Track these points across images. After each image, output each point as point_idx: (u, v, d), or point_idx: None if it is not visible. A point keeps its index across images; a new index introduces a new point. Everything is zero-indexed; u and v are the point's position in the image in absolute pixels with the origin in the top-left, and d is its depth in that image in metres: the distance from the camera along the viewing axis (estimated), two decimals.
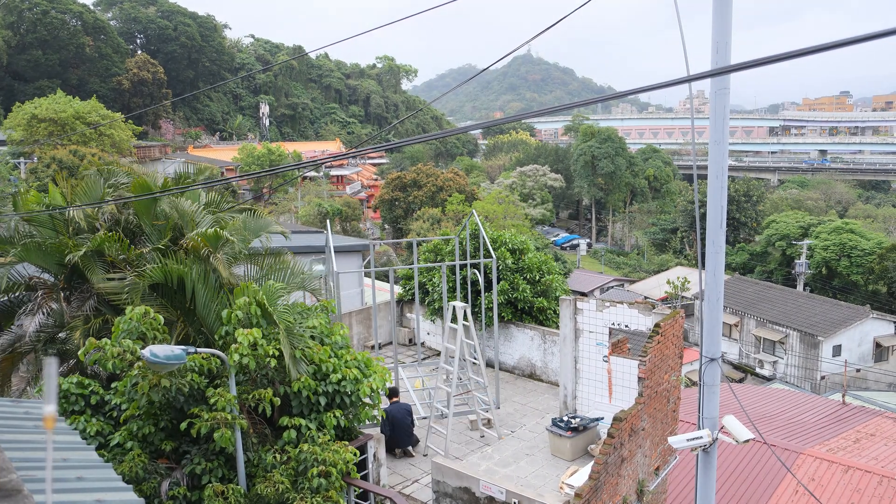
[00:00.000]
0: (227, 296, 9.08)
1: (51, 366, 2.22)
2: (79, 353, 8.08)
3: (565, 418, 11.73)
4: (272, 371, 8.30)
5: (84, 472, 5.08)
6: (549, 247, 59.34)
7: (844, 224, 50.17)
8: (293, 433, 8.27)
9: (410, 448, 12.36)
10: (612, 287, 50.77)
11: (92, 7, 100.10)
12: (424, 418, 13.17)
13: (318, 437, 8.25)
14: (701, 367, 6.76)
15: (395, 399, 12.22)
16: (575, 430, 11.38)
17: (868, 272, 45.74)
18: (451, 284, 15.94)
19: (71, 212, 10.05)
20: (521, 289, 15.71)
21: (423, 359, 16.38)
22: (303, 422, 8.39)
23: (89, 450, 6.13)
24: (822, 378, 33.75)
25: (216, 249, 9.55)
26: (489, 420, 13.08)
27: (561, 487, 9.97)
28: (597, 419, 11.75)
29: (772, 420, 18.05)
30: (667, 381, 10.51)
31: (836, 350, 34.03)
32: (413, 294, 17.01)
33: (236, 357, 7.78)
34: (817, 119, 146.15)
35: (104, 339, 7.93)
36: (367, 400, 9.20)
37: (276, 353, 8.16)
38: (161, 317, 8.38)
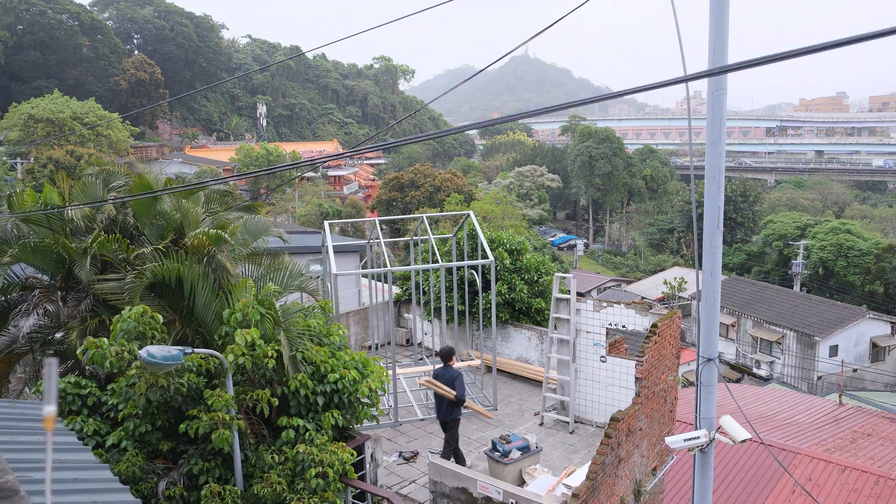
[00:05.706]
0: (226, 296, 9.06)
1: (51, 367, 2.21)
2: (77, 352, 8.06)
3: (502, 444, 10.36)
4: (270, 371, 8.29)
5: (81, 472, 5.08)
6: (546, 247, 59.43)
7: (841, 224, 50.28)
8: (291, 433, 8.26)
9: None
10: (610, 287, 50.77)
11: (89, 7, 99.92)
12: (422, 420, 13.17)
13: (317, 437, 8.23)
14: (698, 368, 6.78)
15: None
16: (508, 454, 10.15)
17: (865, 272, 45.87)
18: (448, 285, 15.94)
19: (69, 212, 10.02)
20: (518, 289, 15.72)
21: (420, 359, 16.38)
22: (301, 422, 8.38)
23: (86, 450, 6.13)
24: (819, 378, 33.83)
25: (220, 248, 9.55)
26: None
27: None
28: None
29: (769, 420, 18.10)
30: (664, 381, 10.53)
31: (833, 350, 34.11)
32: (410, 294, 16.99)
33: (231, 357, 7.78)
34: (814, 120, 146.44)
35: (102, 339, 7.92)
36: (365, 400, 9.20)
37: (275, 354, 8.15)
38: (160, 316, 8.35)
